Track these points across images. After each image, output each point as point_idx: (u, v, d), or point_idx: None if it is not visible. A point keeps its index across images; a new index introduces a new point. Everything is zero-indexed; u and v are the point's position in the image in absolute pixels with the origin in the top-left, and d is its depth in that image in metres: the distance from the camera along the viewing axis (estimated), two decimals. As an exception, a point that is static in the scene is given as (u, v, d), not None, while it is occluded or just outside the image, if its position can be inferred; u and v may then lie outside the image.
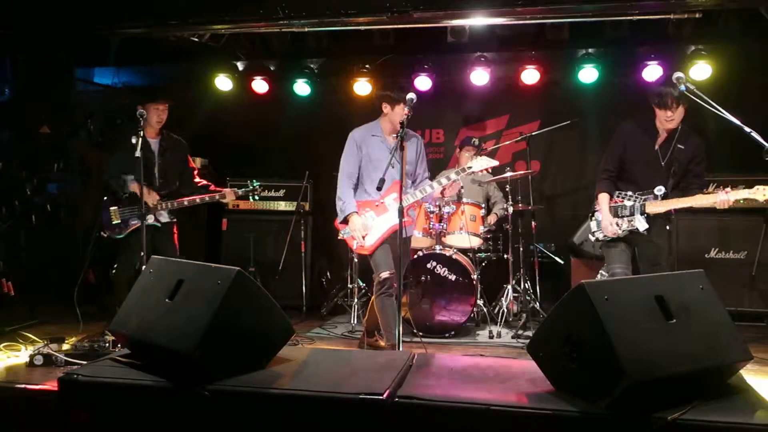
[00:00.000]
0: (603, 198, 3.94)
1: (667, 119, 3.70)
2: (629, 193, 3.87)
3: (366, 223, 3.84)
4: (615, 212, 3.88)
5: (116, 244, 4.57)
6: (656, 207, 3.75)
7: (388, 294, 3.78)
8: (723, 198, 3.56)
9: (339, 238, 4.01)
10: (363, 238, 3.81)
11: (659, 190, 3.74)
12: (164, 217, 4.57)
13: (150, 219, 4.45)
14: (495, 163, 3.97)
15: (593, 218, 4.01)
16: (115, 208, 4.50)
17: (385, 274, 3.77)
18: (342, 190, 3.93)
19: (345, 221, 3.88)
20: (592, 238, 4.03)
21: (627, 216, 3.83)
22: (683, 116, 3.71)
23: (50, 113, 5.25)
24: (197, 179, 4.84)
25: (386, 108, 3.93)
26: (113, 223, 4.49)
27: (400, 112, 3.81)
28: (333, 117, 6.35)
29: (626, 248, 3.88)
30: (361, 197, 3.93)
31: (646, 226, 3.76)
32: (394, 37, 5.46)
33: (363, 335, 4.32)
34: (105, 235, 4.52)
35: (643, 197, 3.80)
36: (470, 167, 3.90)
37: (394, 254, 3.78)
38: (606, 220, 3.87)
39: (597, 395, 1.95)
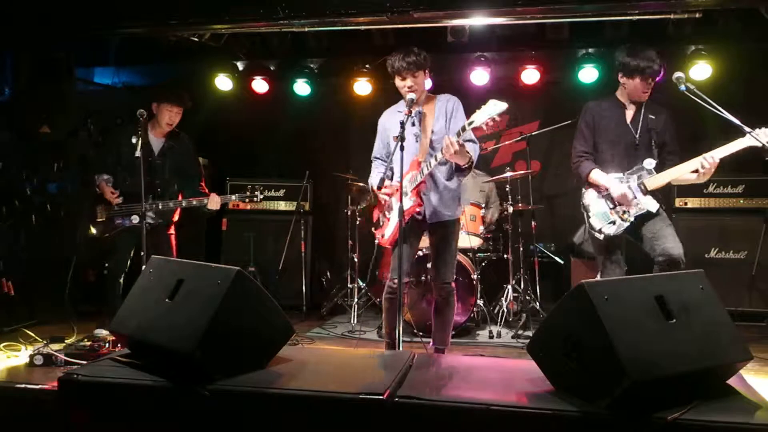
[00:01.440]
0: (597, 174, 3.60)
1: (645, 90, 3.47)
2: (617, 175, 3.55)
3: (387, 214, 3.63)
4: (613, 201, 3.55)
5: (107, 244, 4.53)
6: (656, 181, 3.42)
7: (393, 297, 3.61)
8: (710, 159, 3.25)
9: (372, 230, 3.88)
10: (389, 221, 3.60)
11: (649, 163, 3.44)
12: (151, 218, 4.40)
13: (135, 220, 4.36)
14: (502, 106, 3.09)
15: (591, 214, 3.66)
16: (102, 206, 4.44)
17: (391, 281, 3.60)
18: (371, 175, 3.75)
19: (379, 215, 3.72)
20: (600, 236, 3.58)
21: (631, 200, 3.48)
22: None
23: (50, 113, 5.24)
24: (202, 185, 4.68)
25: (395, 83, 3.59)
26: (97, 220, 4.44)
27: (401, 85, 3.48)
28: (333, 117, 6.36)
29: (620, 258, 3.59)
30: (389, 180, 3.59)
31: (657, 205, 3.40)
32: (394, 37, 5.46)
33: None
34: (94, 233, 4.46)
35: (636, 176, 3.49)
36: (472, 122, 3.18)
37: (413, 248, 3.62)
38: (618, 188, 3.47)
39: (597, 395, 1.95)
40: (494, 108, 3.11)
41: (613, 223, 3.55)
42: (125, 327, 2.51)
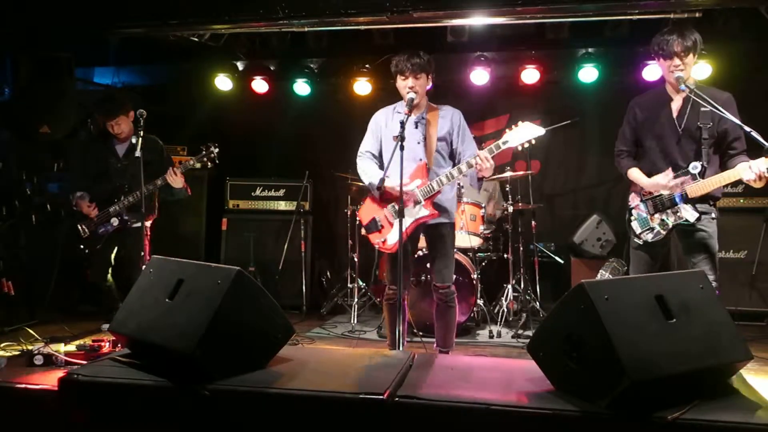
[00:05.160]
0: (635, 172, 3.42)
1: (674, 67, 3.20)
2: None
3: (388, 218, 3.54)
4: (654, 207, 3.35)
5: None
6: (698, 189, 3.17)
7: (393, 303, 3.63)
8: (756, 170, 2.99)
9: (362, 234, 3.75)
10: (394, 226, 3.51)
11: (695, 167, 3.17)
12: (125, 217, 4.48)
13: (115, 222, 4.45)
14: (540, 132, 3.21)
15: (633, 218, 3.46)
16: (82, 223, 4.51)
17: (391, 286, 3.62)
18: (360, 166, 3.65)
19: (373, 219, 3.63)
20: (639, 241, 3.41)
21: (669, 208, 3.28)
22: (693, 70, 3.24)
23: (50, 113, 5.25)
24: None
25: (396, 84, 3.56)
26: (83, 237, 4.51)
27: (402, 85, 3.47)
28: (333, 117, 6.35)
29: (648, 259, 3.41)
30: (387, 183, 3.48)
31: (696, 215, 3.19)
32: (394, 37, 5.46)
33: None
34: (87, 250, 4.55)
35: (680, 180, 3.26)
36: (506, 142, 3.26)
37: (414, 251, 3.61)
38: (659, 181, 3.28)
39: (597, 395, 1.95)
40: (532, 132, 3.23)
41: (652, 230, 3.39)
42: (125, 327, 2.51)
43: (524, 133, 3.22)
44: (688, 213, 3.23)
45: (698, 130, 3.25)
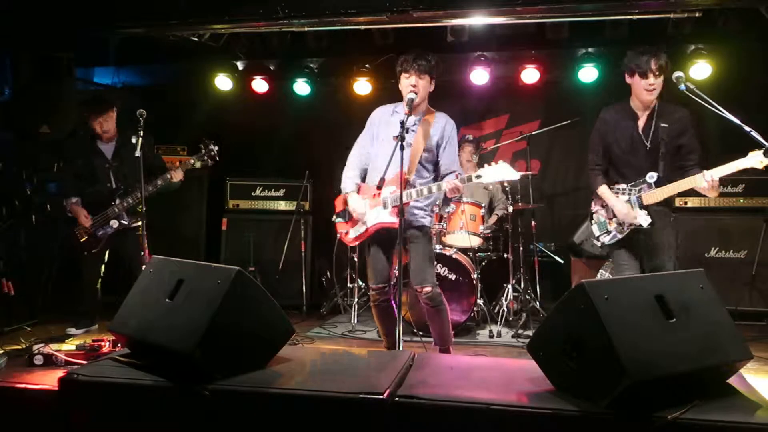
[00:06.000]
0: (605, 190, 3.66)
1: (648, 88, 3.44)
2: (621, 186, 3.61)
3: (358, 209, 3.55)
4: (612, 212, 3.63)
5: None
6: (652, 197, 3.49)
7: (377, 304, 3.64)
8: (709, 179, 3.27)
9: (332, 219, 3.81)
10: (359, 222, 3.56)
11: (651, 177, 3.49)
12: (124, 219, 4.52)
13: (114, 224, 4.47)
14: (513, 176, 3.29)
15: (593, 222, 3.75)
16: (79, 227, 4.52)
17: (372, 286, 3.60)
18: (346, 164, 3.73)
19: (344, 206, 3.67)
20: (597, 243, 3.76)
21: (632, 216, 3.55)
22: (662, 89, 3.47)
23: (50, 113, 5.25)
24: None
25: (399, 83, 3.56)
26: (81, 241, 4.51)
27: (405, 84, 3.46)
28: (333, 117, 6.35)
29: (631, 255, 3.63)
30: (369, 179, 3.64)
31: (649, 220, 3.49)
32: (394, 36, 5.46)
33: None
34: (86, 254, 4.56)
35: (637, 188, 3.55)
36: (479, 176, 3.31)
37: (390, 255, 3.58)
38: (620, 207, 3.56)
39: (597, 395, 1.95)
40: (506, 175, 3.28)
41: (608, 233, 3.68)
42: (125, 327, 2.51)
43: (499, 173, 3.29)
44: (642, 218, 3.52)
45: (659, 143, 3.51)
